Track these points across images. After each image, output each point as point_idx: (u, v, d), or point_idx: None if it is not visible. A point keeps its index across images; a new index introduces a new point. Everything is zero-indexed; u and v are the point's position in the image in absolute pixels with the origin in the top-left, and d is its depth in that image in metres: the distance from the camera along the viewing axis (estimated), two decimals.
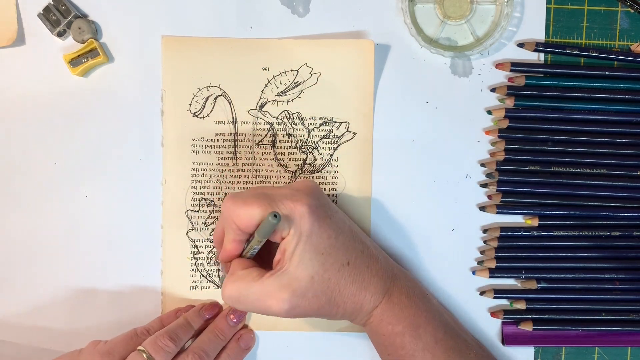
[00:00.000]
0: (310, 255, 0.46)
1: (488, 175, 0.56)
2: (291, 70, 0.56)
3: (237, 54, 0.55)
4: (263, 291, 0.46)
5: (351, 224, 0.51)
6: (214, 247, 0.56)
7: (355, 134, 0.56)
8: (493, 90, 0.56)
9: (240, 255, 0.50)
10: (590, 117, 0.56)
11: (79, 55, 0.55)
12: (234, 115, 0.56)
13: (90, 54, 0.55)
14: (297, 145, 0.56)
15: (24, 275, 0.56)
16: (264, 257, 0.51)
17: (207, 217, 0.56)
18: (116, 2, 0.56)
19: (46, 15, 0.55)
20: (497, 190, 0.56)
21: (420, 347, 0.49)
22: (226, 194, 0.56)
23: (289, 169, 0.56)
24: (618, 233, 0.56)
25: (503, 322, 0.57)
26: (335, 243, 0.48)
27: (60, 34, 0.55)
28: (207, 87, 0.56)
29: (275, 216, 0.44)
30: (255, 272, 0.48)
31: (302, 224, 0.46)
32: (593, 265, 0.56)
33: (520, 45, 0.56)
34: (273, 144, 0.56)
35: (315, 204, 0.47)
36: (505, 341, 0.56)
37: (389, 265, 0.52)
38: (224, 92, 0.56)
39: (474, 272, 0.57)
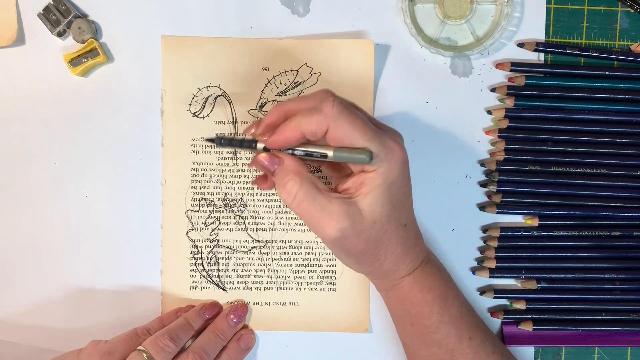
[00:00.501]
0: (383, 202, 0.45)
1: (488, 175, 0.56)
2: (291, 70, 0.56)
3: (237, 54, 0.55)
4: (326, 207, 0.44)
5: None
6: (214, 246, 0.56)
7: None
8: (493, 90, 0.56)
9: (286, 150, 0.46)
10: (590, 117, 0.56)
11: (79, 55, 0.55)
12: (234, 115, 0.56)
13: (90, 54, 0.55)
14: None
15: (24, 275, 0.56)
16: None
17: (207, 217, 0.56)
18: (116, 2, 0.56)
19: (46, 15, 0.55)
20: (497, 190, 0.56)
21: (447, 319, 0.49)
22: (226, 194, 0.56)
23: None
24: (618, 233, 0.56)
25: (503, 322, 0.57)
26: (405, 201, 0.47)
27: (60, 34, 0.55)
28: (207, 87, 0.56)
29: (370, 157, 0.43)
30: (320, 183, 0.45)
31: (394, 169, 0.45)
32: (593, 265, 0.56)
33: (520, 45, 0.56)
34: None
35: (407, 158, 0.46)
36: (506, 341, 0.56)
37: (423, 240, 0.51)
38: (224, 92, 0.56)
39: (474, 272, 0.57)
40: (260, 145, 0.46)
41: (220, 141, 0.47)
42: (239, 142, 0.46)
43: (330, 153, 0.44)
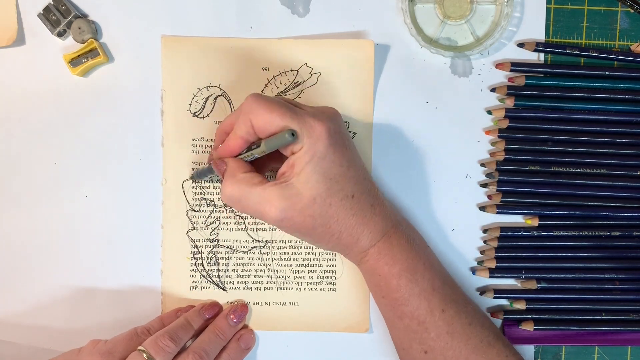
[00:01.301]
0: (318, 177, 0.46)
1: (488, 175, 0.56)
2: (291, 70, 0.56)
3: (237, 54, 0.55)
4: (263, 196, 0.46)
5: (363, 164, 0.51)
6: (214, 246, 0.56)
7: (355, 133, 0.56)
8: (493, 90, 0.56)
9: (237, 156, 0.50)
10: (590, 117, 0.56)
11: (79, 55, 0.55)
12: None
13: (90, 54, 0.55)
14: None
15: (24, 275, 0.56)
16: (257, 167, 0.51)
17: (207, 217, 0.56)
18: (116, 2, 0.56)
19: (46, 15, 0.55)
20: (497, 190, 0.56)
21: (417, 292, 0.49)
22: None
23: None
24: (618, 233, 0.56)
25: (504, 321, 0.57)
26: (345, 172, 0.48)
27: (60, 34, 0.55)
28: (207, 87, 0.56)
29: (292, 135, 0.44)
30: (257, 178, 0.48)
31: (318, 144, 0.46)
32: (593, 265, 0.56)
33: (520, 45, 0.56)
34: None
35: (335, 129, 0.47)
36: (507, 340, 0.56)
37: (393, 211, 0.52)
38: (224, 92, 0.56)
39: (474, 272, 0.57)
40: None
41: (196, 177, 0.55)
42: (206, 170, 0.53)
43: (263, 147, 0.47)
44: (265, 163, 0.52)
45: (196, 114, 0.56)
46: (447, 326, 0.49)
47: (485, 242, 0.57)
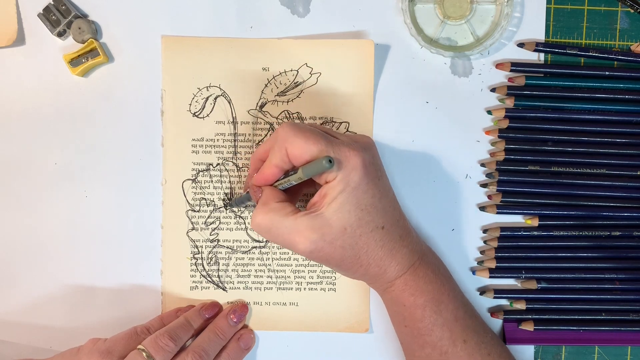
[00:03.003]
0: (350, 208, 0.46)
1: (488, 175, 0.56)
2: (291, 70, 0.56)
3: (237, 54, 0.55)
4: (293, 227, 0.46)
5: (394, 193, 0.51)
6: (214, 246, 0.56)
7: (355, 133, 0.56)
8: (493, 90, 0.56)
9: (273, 184, 0.50)
10: (590, 117, 0.56)
11: (79, 55, 0.55)
12: (234, 115, 0.56)
13: (90, 54, 0.55)
14: None
15: (24, 274, 0.56)
16: (290, 193, 0.51)
17: (207, 217, 0.56)
18: (116, 2, 0.56)
19: (46, 15, 0.55)
20: (497, 190, 0.56)
21: (440, 322, 0.49)
22: (226, 194, 0.56)
23: None
24: (618, 233, 0.56)
25: (504, 321, 0.57)
26: (377, 204, 0.48)
27: (60, 34, 0.55)
28: (207, 87, 0.56)
29: (330, 161, 0.44)
30: (289, 208, 0.47)
31: (352, 175, 0.46)
32: (593, 265, 0.56)
33: (520, 45, 0.56)
34: None
35: (369, 160, 0.47)
36: (507, 340, 0.56)
37: (420, 241, 0.52)
38: (224, 92, 0.56)
39: (474, 272, 0.57)
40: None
41: (229, 204, 0.56)
42: (247, 197, 0.53)
43: (300, 174, 0.46)
44: (298, 189, 0.52)
45: (196, 114, 0.56)
46: (467, 357, 0.50)
47: (485, 242, 0.57)
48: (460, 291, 0.53)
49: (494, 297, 0.56)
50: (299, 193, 0.53)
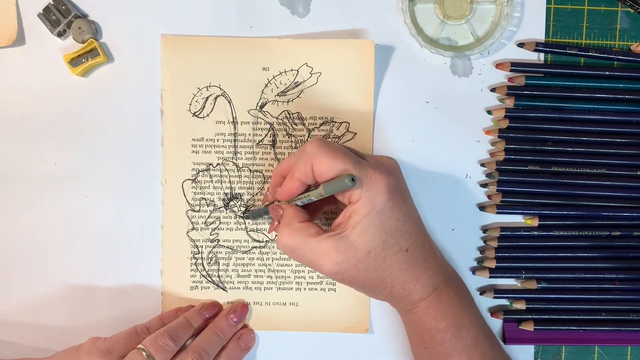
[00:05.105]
0: (374, 231, 0.46)
1: (488, 175, 0.56)
2: (291, 70, 0.56)
3: (237, 54, 0.55)
4: (318, 249, 0.46)
5: (418, 215, 0.51)
6: (214, 246, 0.56)
7: (356, 134, 0.56)
8: (493, 90, 0.56)
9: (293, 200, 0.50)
10: (590, 117, 0.56)
11: (79, 55, 0.55)
12: (234, 115, 0.56)
13: (90, 54, 0.55)
14: (298, 145, 0.56)
15: (24, 274, 0.56)
16: (311, 211, 0.51)
17: (207, 217, 0.56)
18: (116, 2, 0.56)
19: (46, 15, 0.55)
20: (497, 190, 0.56)
21: (460, 347, 0.49)
22: (226, 194, 0.56)
23: None
24: (618, 233, 0.56)
25: (504, 321, 0.57)
26: (401, 227, 0.47)
27: (60, 34, 0.55)
28: (207, 87, 0.56)
29: (352, 180, 0.44)
30: (312, 228, 0.47)
31: (377, 198, 0.46)
32: (593, 265, 0.56)
33: (520, 45, 0.56)
34: (273, 144, 0.56)
35: (394, 184, 0.47)
36: (507, 340, 0.56)
37: (445, 263, 0.52)
38: (224, 92, 0.56)
39: (474, 272, 0.57)
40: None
41: (249, 214, 0.56)
42: (264, 211, 0.53)
43: (320, 190, 0.46)
44: (319, 207, 0.52)
45: (196, 113, 0.56)
46: None
47: (485, 242, 0.57)
48: (482, 316, 0.52)
49: (494, 297, 0.56)
50: (320, 210, 0.53)
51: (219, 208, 0.56)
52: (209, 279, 0.56)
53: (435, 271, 0.49)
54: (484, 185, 0.57)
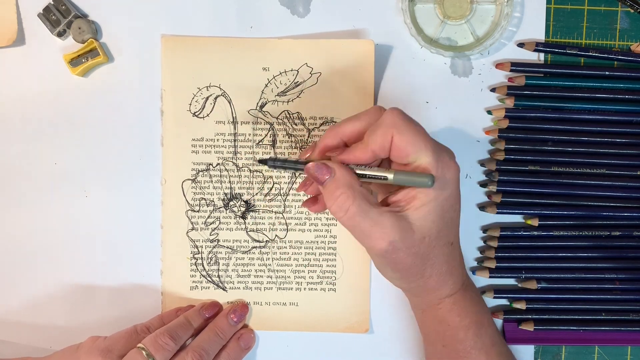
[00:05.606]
0: (435, 218, 0.44)
1: (488, 175, 0.56)
2: (291, 70, 0.56)
3: (237, 54, 0.55)
4: (378, 222, 0.43)
5: None
6: (214, 246, 0.56)
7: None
8: (493, 90, 0.56)
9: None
10: (590, 117, 0.56)
11: (79, 55, 0.55)
12: (234, 115, 0.56)
13: (90, 54, 0.55)
14: (298, 145, 0.56)
15: (24, 274, 0.56)
16: None
17: (207, 217, 0.56)
18: (116, 2, 0.56)
19: (46, 15, 0.55)
20: (497, 190, 0.56)
21: (479, 345, 0.49)
22: (226, 194, 0.56)
23: None
24: (618, 233, 0.56)
25: (504, 321, 0.57)
26: (456, 219, 0.47)
27: (60, 34, 0.55)
28: (207, 87, 0.56)
29: (432, 182, 0.42)
30: (372, 197, 0.44)
31: (447, 186, 0.44)
32: (593, 265, 0.56)
33: (520, 45, 0.56)
34: (273, 144, 0.56)
35: (459, 174, 0.46)
36: (507, 340, 0.56)
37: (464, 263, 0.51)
38: (224, 92, 0.56)
39: (474, 272, 0.57)
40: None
41: (273, 162, 0.48)
42: (293, 163, 0.47)
43: (390, 176, 0.43)
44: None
45: (196, 113, 0.56)
46: None
47: (485, 242, 0.57)
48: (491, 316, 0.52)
49: (494, 297, 0.56)
50: None
51: (219, 208, 0.56)
52: (208, 279, 0.56)
53: (463, 268, 0.49)
54: (483, 185, 0.57)
